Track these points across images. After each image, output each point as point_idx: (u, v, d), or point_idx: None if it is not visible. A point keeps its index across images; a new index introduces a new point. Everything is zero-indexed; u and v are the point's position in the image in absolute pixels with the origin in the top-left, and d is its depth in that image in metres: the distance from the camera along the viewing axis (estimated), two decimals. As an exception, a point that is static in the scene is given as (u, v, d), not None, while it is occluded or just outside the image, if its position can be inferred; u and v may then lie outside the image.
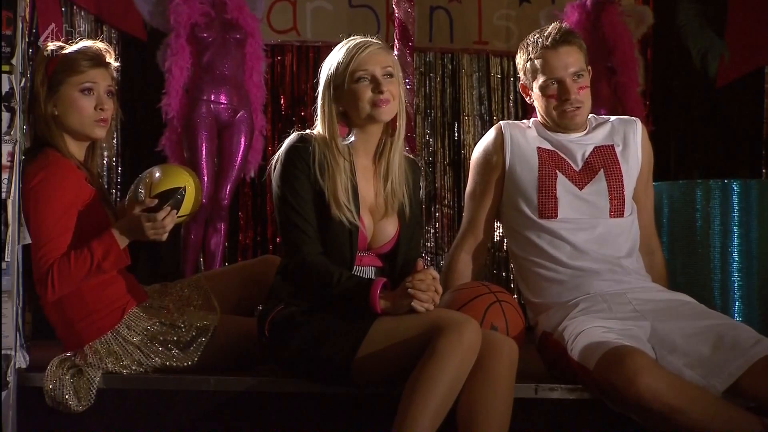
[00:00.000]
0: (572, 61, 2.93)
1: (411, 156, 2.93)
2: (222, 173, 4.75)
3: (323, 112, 2.74)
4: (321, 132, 2.75)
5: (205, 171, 4.67)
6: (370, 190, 2.78)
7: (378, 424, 2.66)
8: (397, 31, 4.70)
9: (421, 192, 2.91)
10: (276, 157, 2.75)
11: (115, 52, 3.07)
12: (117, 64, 3.03)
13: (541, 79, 2.96)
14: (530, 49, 2.98)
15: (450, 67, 5.67)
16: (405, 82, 4.63)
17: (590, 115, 3.08)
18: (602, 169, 2.96)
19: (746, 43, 5.44)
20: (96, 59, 2.94)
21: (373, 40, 2.76)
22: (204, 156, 4.67)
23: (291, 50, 5.55)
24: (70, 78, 2.90)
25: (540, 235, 2.93)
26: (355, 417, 2.81)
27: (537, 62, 2.96)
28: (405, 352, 2.53)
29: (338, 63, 2.72)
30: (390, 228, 2.78)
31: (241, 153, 4.77)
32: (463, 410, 2.51)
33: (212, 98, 4.69)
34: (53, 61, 2.92)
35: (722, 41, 5.28)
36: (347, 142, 2.75)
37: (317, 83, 2.78)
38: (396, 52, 4.64)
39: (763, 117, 5.61)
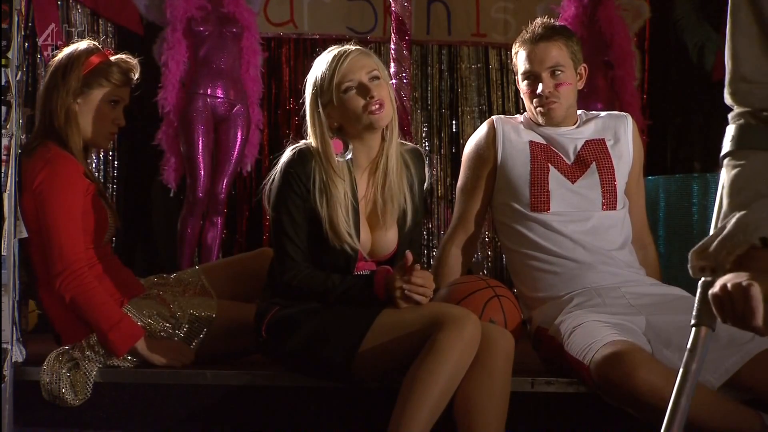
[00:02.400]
0: (551, 56, 2.95)
1: (413, 145, 2.87)
2: (218, 167, 4.75)
3: (315, 132, 2.66)
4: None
5: (201, 165, 4.67)
6: (369, 203, 2.73)
7: (376, 418, 2.66)
8: (393, 24, 4.70)
9: (426, 183, 2.86)
10: (274, 171, 2.68)
11: (110, 46, 3.09)
12: (137, 81, 3.08)
13: (520, 73, 3.00)
14: (517, 44, 3.03)
15: (448, 59, 5.66)
16: (402, 75, 4.64)
17: (580, 111, 3.09)
18: (594, 163, 2.97)
19: (742, 37, 5.42)
20: (128, 76, 3.01)
21: (351, 47, 2.68)
22: (200, 150, 4.67)
23: (288, 43, 5.54)
24: (104, 87, 2.96)
25: (532, 228, 2.93)
26: (352, 410, 2.81)
27: (520, 56, 3.00)
28: (405, 347, 2.53)
29: (322, 78, 2.64)
30: (390, 239, 2.74)
31: (237, 147, 4.77)
32: (460, 404, 2.51)
33: (209, 92, 4.69)
34: (92, 62, 2.95)
35: (719, 35, 5.28)
36: (347, 158, 2.67)
37: (303, 103, 2.71)
38: (393, 46, 4.64)
39: (760, 111, 5.60)
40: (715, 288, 1.59)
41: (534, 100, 2.98)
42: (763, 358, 2.60)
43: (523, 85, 3.01)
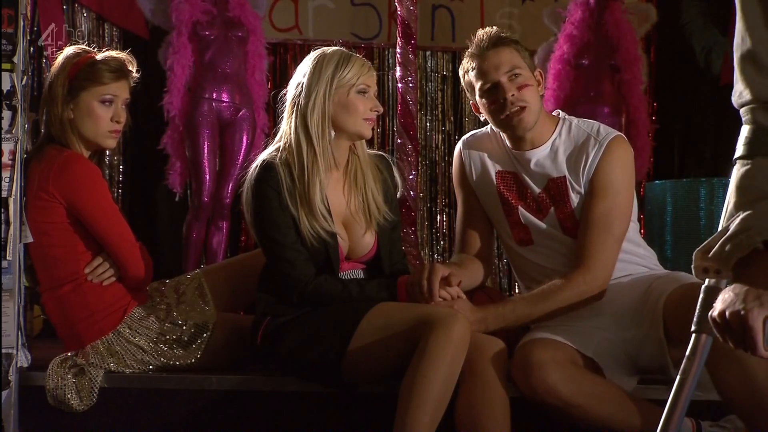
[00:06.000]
0: (505, 59, 2.76)
1: (379, 153, 2.90)
2: (224, 172, 4.74)
3: (323, 109, 2.65)
4: (292, 143, 2.68)
5: (206, 169, 4.66)
6: (342, 204, 2.75)
7: (378, 422, 2.66)
8: (399, 29, 4.69)
9: (399, 190, 2.86)
10: (245, 188, 2.71)
11: (117, 50, 3.08)
12: (137, 75, 3.03)
13: (477, 87, 2.80)
14: (464, 64, 2.86)
15: (452, 65, 5.66)
16: (407, 80, 4.64)
17: (562, 114, 2.89)
18: (552, 208, 2.80)
19: (750, 41, 5.41)
20: (119, 72, 2.95)
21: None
22: (206, 154, 4.67)
23: (293, 48, 5.54)
24: (92, 87, 2.91)
25: (522, 259, 2.88)
26: (355, 415, 2.81)
27: (471, 74, 2.82)
28: (394, 349, 2.55)
29: (347, 68, 2.67)
30: (367, 238, 2.76)
31: (243, 151, 4.77)
32: (462, 416, 2.53)
33: (214, 96, 4.68)
34: (77, 65, 2.91)
35: (726, 39, 5.26)
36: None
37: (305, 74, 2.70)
38: (398, 50, 4.64)
39: (767, 115, 5.58)
40: (715, 312, 1.55)
41: (500, 114, 2.76)
42: (669, 302, 2.57)
43: (483, 103, 2.79)
